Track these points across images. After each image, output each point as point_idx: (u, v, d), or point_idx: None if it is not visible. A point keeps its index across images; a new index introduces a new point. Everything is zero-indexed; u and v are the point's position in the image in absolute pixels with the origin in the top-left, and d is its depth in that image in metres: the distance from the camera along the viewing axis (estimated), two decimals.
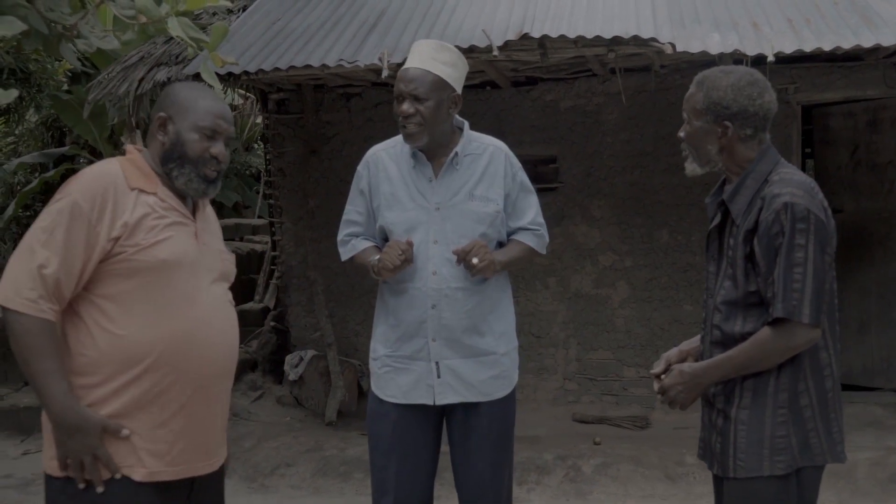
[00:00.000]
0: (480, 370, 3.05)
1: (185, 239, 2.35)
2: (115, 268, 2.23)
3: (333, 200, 7.44)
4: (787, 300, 2.37)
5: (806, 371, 2.45)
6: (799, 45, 4.93)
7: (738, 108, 2.48)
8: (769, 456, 2.44)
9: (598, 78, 6.92)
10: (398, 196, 3.03)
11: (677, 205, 6.85)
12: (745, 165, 2.53)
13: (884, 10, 5.29)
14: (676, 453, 5.73)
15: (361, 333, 7.48)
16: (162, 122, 2.38)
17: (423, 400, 3.03)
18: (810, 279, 2.37)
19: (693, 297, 6.86)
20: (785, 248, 2.38)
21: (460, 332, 3.01)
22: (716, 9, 5.56)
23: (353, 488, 5.61)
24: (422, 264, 2.97)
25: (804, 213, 2.37)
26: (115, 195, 2.24)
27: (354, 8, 6.26)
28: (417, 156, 3.03)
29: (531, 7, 5.69)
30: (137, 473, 2.25)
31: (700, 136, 2.56)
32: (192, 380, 2.30)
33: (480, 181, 3.05)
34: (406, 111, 2.93)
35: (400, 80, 2.96)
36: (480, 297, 3.03)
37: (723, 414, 2.55)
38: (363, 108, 7.40)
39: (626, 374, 7.05)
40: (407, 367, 3.03)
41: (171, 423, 2.28)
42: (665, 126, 6.89)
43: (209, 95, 2.46)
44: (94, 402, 2.23)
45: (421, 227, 3.00)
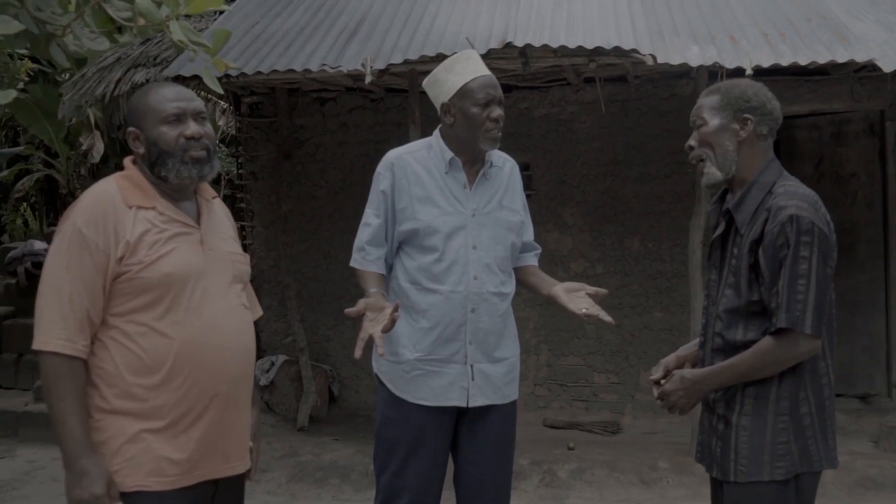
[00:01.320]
0: (503, 373, 3.12)
1: (189, 249, 2.34)
2: (123, 287, 2.25)
3: (306, 205, 7.44)
4: (791, 311, 2.42)
5: (806, 380, 2.51)
6: (776, 60, 5.05)
7: (758, 102, 2.55)
8: (770, 461, 2.50)
9: (572, 87, 7.01)
10: (435, 200, 3.04)
11: (648, 213, 6.95)
12: (753, 172, 2.58)
13: (855, 26, 5.44)
14: (649, 458, 5.81)
15: (332, 338, 7.48)
16: (135, 137, 2.38)
17: (457, 402, 3.05)
18: (813, 291, 2.43)
19: (663, 305, 6.98)
20: (790, 260, 2.43)
21: (493, 335, 3.07)
22: (693, 22, 5.67)
23: (329, 494, 5.59)
24: (463, 269, 3.00)
25: (809, 225, 2.42)
26: (115, 215, 2.25)
27: (334, 13, 6.26)
28: (454, 163, 3.06)
29: (512, 16, 5.75)
30: (159, 483, 2.25)
31: (718, 133, 2.58)
32: (208, 387, 2.30)
33: (506, 192, 3.14)
34: (501, 116, 3.00)
35: (486, 86, 2.98)
36: (508, 301, 3.11)
37: (723, 420, 2.59)
38: (337, 112, 7.40)
39: (597, 380, 7.13)
40: (440, 369, 3.03)
41: (190, 430, 2.28)
42: (637, 136, 7.01)
43: (159, 88, 2.44)
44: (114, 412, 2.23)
45: (460, 231, 3.04)
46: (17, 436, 6.70)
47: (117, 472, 2.21)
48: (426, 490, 3.07)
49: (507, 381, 3.14)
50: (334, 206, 7.41)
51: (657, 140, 6.96)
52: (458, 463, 3.17)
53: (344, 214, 7.39)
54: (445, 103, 3.05)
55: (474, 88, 2.98)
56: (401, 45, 5.54)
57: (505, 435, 3.16)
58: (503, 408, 3.13)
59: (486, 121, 2.97)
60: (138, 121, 2.38)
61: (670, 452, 5.90)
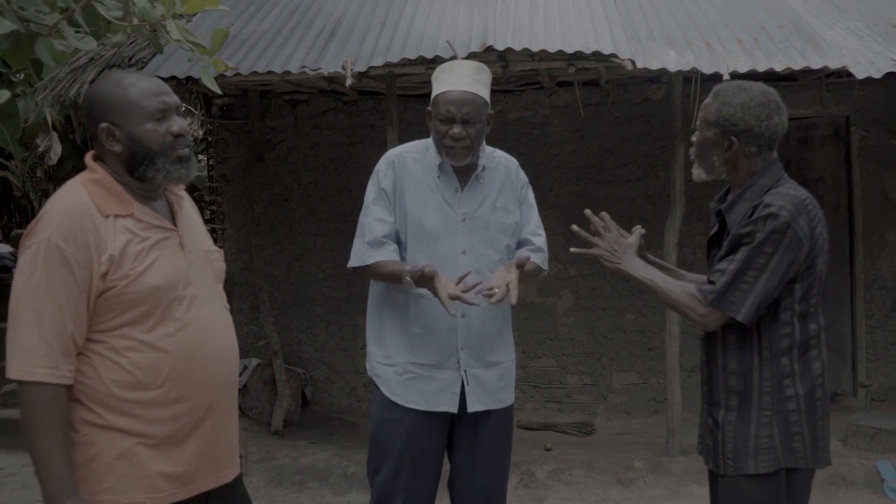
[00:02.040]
0: (497, 378, 3.11)
1: (171, 255, 2.22)
2: (109, 303, 2.11)
3: (279, 207, 7.40)
4: (727, 296, 2.51)
5: (794, 377, 2.56)
6: (752, 65, 5.14)
7: (744, 126, 2.57)
8: (754, 455, 2.55)
9: (546, 90, 7.07)
10: (425, 202, 3.03)
11: (621, 216, 6.89)
12: (748, 178, 2.63)
13: (826, 33, 5.57)
14: (625, 458, 5.87)
15: (305, 341, 7.44)
16: (108, 132, 2.18)
17: (447, 408, 3.04)
18: (761, 286, 2.48)
19: (635, 307, 7.05)
20: (750, 249, 2.49)
21: (486, 341, 3.06)
22: (668, 27, 5.75)
23: (308, 497, 5.57)
24: (451, 274, 2.92)
25: (784, 226, 2.47)
26: (94, 227, 2.09)
27: (309, 15, 6.24)
28: (444, 167, 3.04)
29: (490, 20, 5.78)
30: (153, 499, 2.16)
31: (708, 146, 2.67)
32: (202, 397, 2.22)
33: (500, 193, 3.10)
34: (459, 134, 2.92)
35: (449, 102, 2.92)
36: (501, 309, 3.06)
37: (711, 416, 2.68)
38: (310, 115, 7.38)
39: (570, 382, 7.19)
40: (431, 374, 3.03)
41: (185, 443, 2.20)
42: (610, 139, 7.09)
43: (136, 80, 2.24)
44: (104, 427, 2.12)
45: (448, 237, 3.02)
46: None
47: (110, 489, 2.11)
48: (419, 493, 3.08)
49: (501, 386, 3.13)
50: (307, 209, 7.38)
51: (630, 143, 7.04)
52: (454, 467, 3.18)
53: (317, 217, 7.37)
54: (428, 109, 3.07)
55: (440, 102, 2.97)
56: (380, 48, 5.54)
57: (501, 440, 3.16)
58: (499, 413, 3.12)
59: (445, 136, 2.95)
60: (114, 116, 2.18)
61: (646, 452, 5.96)
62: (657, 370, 6.94)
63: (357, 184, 7.30)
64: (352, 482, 5.70)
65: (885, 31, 5.66)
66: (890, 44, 5.43)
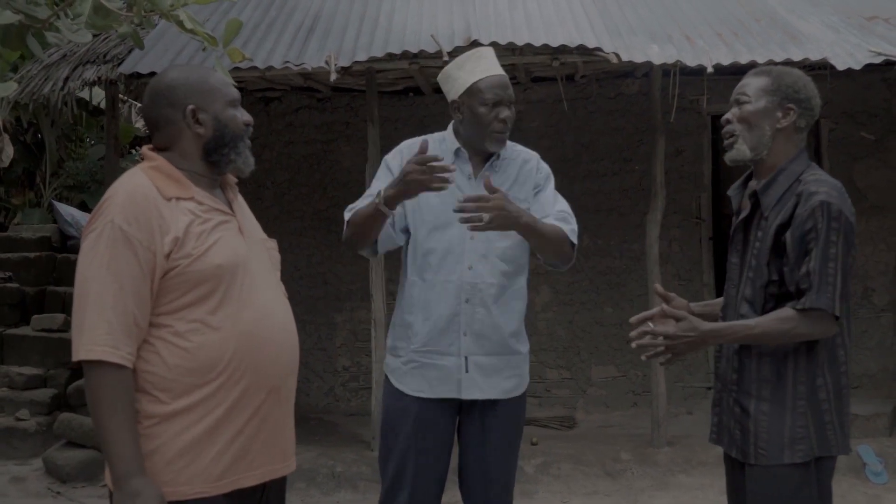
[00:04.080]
0: (504, 368, 3.07)
1: (232, 237, 2.22)
2: (172, 283, 2.11)
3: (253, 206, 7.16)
4: (823, 293, 2.47)
5: (824, 367, 2.56)
6: (734, 58, 5.21)
7: (805, 95, 2.58)
8: (789, 445, 2.55)
9: (521, 86, 7.07)
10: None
11: (597, 210, 7.07)
12: (782, 160, 2.62)
13: (802, 26, 5.66)
14: (611, 450, 5.91)
15: None
16: (194, 115, 2.22)
17: (451, 394, 3.02)
18: (840, 276, 2.49)
19: (613, 300, 7.10)
20: (822, 244, 2.49)
21: (490, 328, 3.02)
22: (647, 21, 5.79)
23: (297, 498, 5.50)
24: (457, 258, 2.95)
25: (838, 213, 2.48)
26: (157, 209, 2.12)
27: (286, 10, 6.17)
28: (460, 154, 3.04)
29: (471, 14, 5.77)
30: (216, 487, 2.15)
31: (760, 116, 2.61)
32: (263, 381, 2.20)
33: (515, 183, 3.09)
34: (510, 117, 2.97)
35: (495, 86, 2.96)
36: (510, 296, 3.05)
37: (739, 405, 2.65)
38: (283, 112, 7.30)
39: (549, 376, 7.22)
40: (435, 361, 3.02)
41: (246, 428, 2.18)
42: (585, 134, 7.12)
43: (206, 70, 2.36)
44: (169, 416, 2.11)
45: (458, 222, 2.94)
46: None
47: (171, 481, 2.10)
48: (428, 482, 3.06)
49: (507, 376, 3.08)
50: (281, 207, 7.30)
51: (605, 138, 7.08)
52: (462, 457, 3.15)
53: (292, 215, 7.29)
54: (455, 100, 3.04)
55: (483, 88, 2.96)
56: (362, 43, 5.50)
57: (507, 431, 3.12)
58: (506, 403, 3.09)
59: (493, 121, 2.95)
60: (199, 100, 2.23)
61: (631, 444, 6.00)
62: (636, 363, 6.99)
63: (332, 181, 7.26)
64: (339, 482, 5.65)
65: (859, 23, 5.77)
66: (865, 36, 5.54)
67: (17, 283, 7.77)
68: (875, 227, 7.03)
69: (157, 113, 2.26)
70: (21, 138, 10.97)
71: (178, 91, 2.24)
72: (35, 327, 7.17)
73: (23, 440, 6.36)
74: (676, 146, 6.88)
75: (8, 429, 6.40)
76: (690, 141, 6.99)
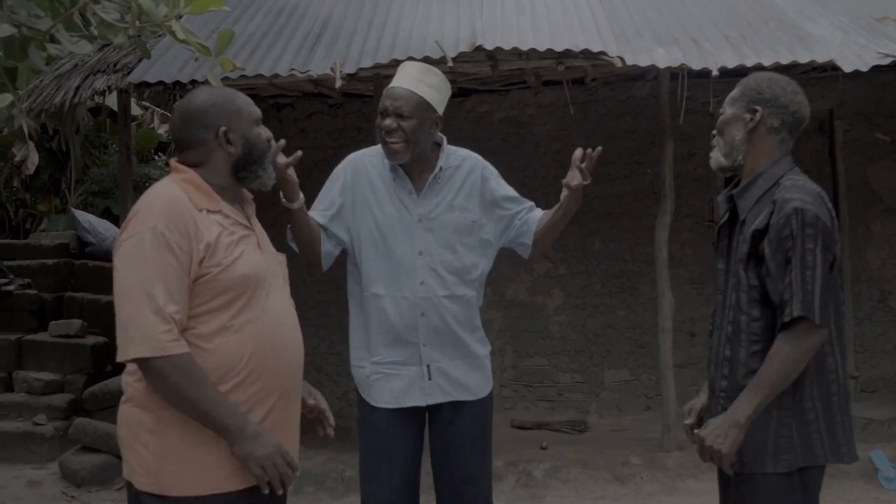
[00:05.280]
0: (468, 370, 3.14)
1: (253, 251, 2.37)
2: (202, 288, 2.24)
3: (266, 212, 7.27)
4: (805, 301, 2.45)
5: (811, 376, 2.53)
6: (741, 60, 5.17)
7: (770, 94, 2.58)
8: (773, 454, 2.53)
9: (531, 90, 7.08)
10: (382, 203, 3.07)
11: (609, 213, 7.05)
12: (763, 163, 2.62)
13: (811, 28, 5.61)
14: (620, 455, 5.88)
15: None
16: (226, 135, 2.35)
17: (416, 402, 3.09)
18: (819, 282, 2.47)
19: (626, 303, 7.08)
20: (798, 252, 2.47)
21: (448, 335, 3.09)
22: (655, 24, 5.77)
23: (305, 501, 5.54)
24: (409, 275, 3.03)
25: (813, 219, 2.46)
26: (192, 218, 2.24)
27: (295, 18, 6.21)
28: (396, 170, 3.08)
29: (478, 19, 5.78)
30: (231, 483, 2.25)
31: (730, 122, 2.64)
32: (276, 385, 2.33)
33: (459, 192, 3.13)
34: (389, 126, 2.98)
35: (386, 96, 3.02)
36: (463, 304, 3.11)
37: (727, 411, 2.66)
38: (295, 118, 7.35)
39: (562, 380, 7.20)
40: (398, 372, 3.09)
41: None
42: (596, 137, 7.09)
43: (231, 90, 2.48)
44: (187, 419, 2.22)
45: (405, 237, 3.06)
46: None
47: (188, 477, 2.21)
48: (402, 488, 3.10)
49: (472, 378, 3.15)
50: None
51: (616, 141, 7.06)
52: (434, 462, 3.21)
53: None
54: None
55: (381, 98, 3.07)
56: (368, 49, 5.53)
57: (477, 431, 3.18)
58: (472, 404, 3.16)
59: (381, 130, 3.02)
60: (228, 121, 2.36)
61: (641, 448, 5.98)
62: (648, 366, 6.96)
63: None
64: (349, 486, 5.68)
65: (868, 24, 5.71)
66: (874, 37, 5.48)
67: (35, 289, 7.87)
68: (891, 230, 6.95)
69: (188, 134, 2.37)
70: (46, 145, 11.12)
71: (210, 114, 2.36)
72: (53, 333, 7.26)
73: (40, 444, 6.45)
74: (688, 149, 6.85)
75: (26, 433, 6.49)
76: (702, 144, 6.94)
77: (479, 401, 3.17)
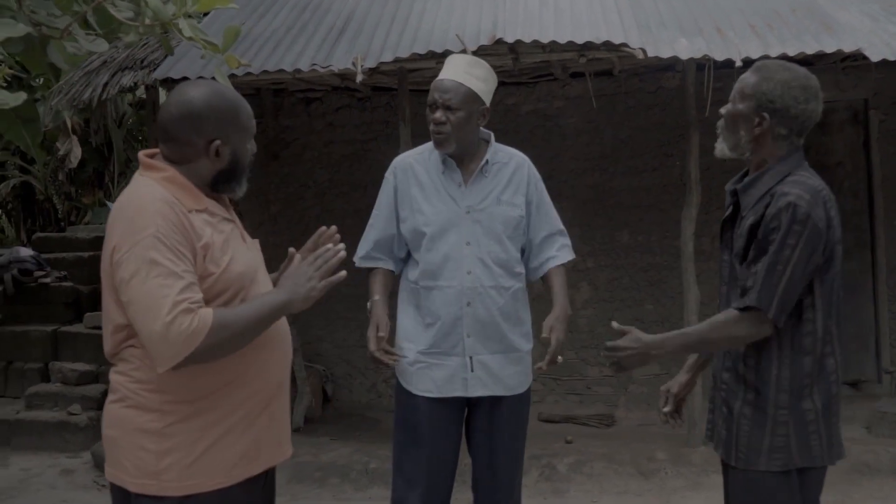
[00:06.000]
0: (507, 365, 3.18)
1: (241, 245, 2.35)
2: (206, 290, 2.18)
3: (295, 205, 7.42)
4: (763, 293, 2.43)
5: (813, 377, 2.50)
6: (765, 51, 5.09)
7: (781, 104, 2.50)
8: (768, 452, 2.51)
9: (559, 82, 7.04)
10: (430, 198, 3.17)
11: (637, 206, 6.99)
12: (769, 161, 2.57)
13: (841, 16, 5.51)
14: (646, 449, 5.85)
15: (325, 339, 7.46)
16: (217, 150, 2.26)
17: (458, 392, 3.15)
18: (786, 280, 2.43)
19: (654, 297, 7.02)
20: (776, 245, 2.43)
21: (492, 328, 3.14)
22: (680, 14, 5.71)
23: (329, 493, 5.59)
24: (456, 264, 3.11)
25: (804, 216, 2.41)
26: (187, 219, 2.18)
27: (319, 13, 6.25)
28: (448, 162, 3.18)
29: (500, 12, 5.76)
30: (232, 477, 2.26)
31: (738, 119, 2.58)
32: (274, 375, 2.34)
33: (507, 187, 3.20)
34: (439, 119, 3.09)
35: (434, 89, 3.11)
36: (510, 297, 3.17)
37: (726, 404, 2.63)
38: (323, 112, 7.39)
39: (590, 374, 7.17)
40: (441, 362, 3.15)
41: (258, 420, 2.30)
42: (624, 129, 7.05)
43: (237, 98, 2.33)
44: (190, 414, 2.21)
45: (453, 228, 3.14)
46: (9, 444, 6.63)
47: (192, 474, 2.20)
48: (440, 478, 3.19)
49: (511, 374, 3.20)
50: (322, 206, 7.39)
51: (644, 133, 7.00)
52: (473, 455, 3.27)
53: (332, 214, 7.37)
54: None
55: (430, 91, 3.17)
56: (390, 44, 5.54)
57: (512, 427, 3.23)
58: (511, 400, 3.21)
59: (430, 123, 3.14)
60: (225, 134, 2.27)
61: (667, 443, 5.93)
62: (678, 361, 6.87)
63: (372, 180, 7.26)
64: (373, 478, 5.71)
65: None
66: None
67: (71, 281, 8.03)
68: None
69: (179, 133, 2.27)
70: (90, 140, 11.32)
71: (209, 121, 2.25)
72: (88, 325, 7.41)
73: (74, 434, 6.60)
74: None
75: (61, 423, 6.64)
76: None
77: (517, 396, 3.22)
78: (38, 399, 6.94)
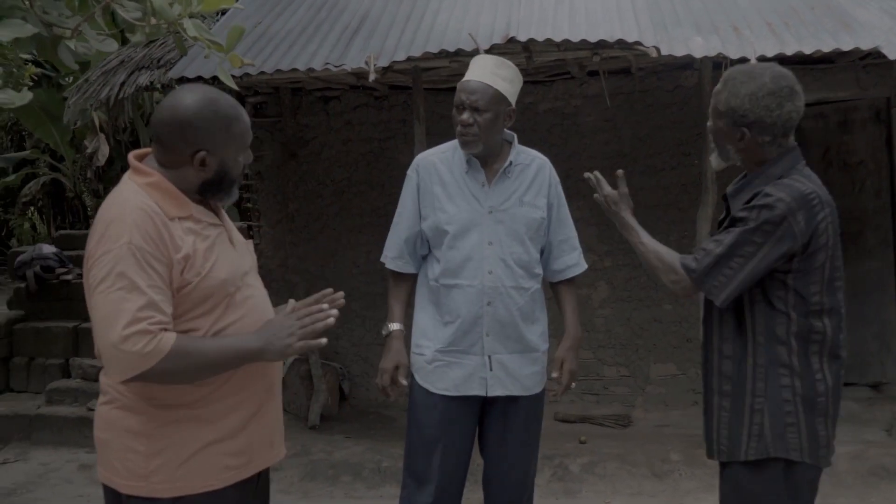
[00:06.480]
0: (525, 365, 3.21)
1: (227, 249, 2.32)
2: (184, 298, 2.18)
3: (313, 203, 7.44)
4: (709, 277, 2.49)
5: (793, 369, 2.51)
6: (780, 49, 5.04)
7: (754, 117, 2.50)
8: (747, 441, 2.53)
9: (577, 80, 7.00)
10: (453, 197, 3.19)
11: (655, 206, 6.94)
12: (760, 165, 2.58)
13: (859, 14, 5.43)
14: (661, 450, 5.81)
15: (341, 336, 7.48)
16: (202, 160, 2.23)
17: (476, 391, 3.17)
18: (745, 274, 2.44)
19: (672, 297, 6.96)
20: (739, 234, 2.44)
21: (511, 328, 3.17)
22: (696, 12, 5.66)
23: (341, 492, 5.60)
24: (478, 264, 3.13)
25: (778, 219, 2.41)
26: (167, 228, 2.15)
27: (335, 12, 6.26)
28: (472, 162, 3.19)
29: (514, 11, 5.75)
30: (222, 480, 2.26)
31: (720, 136, 2.63)
32: (265, 380, 2.35)
33: (529, 189, 3.22)
34: (466, 121, 3.09)
35: (461, 90, 3.11)
36: (529, 297, 3.19)
37: (706, 401, 2.68)
38: (341, 111, 7.41)
39: (607, 374, 7.13)
40: (460, 360, 3.17)
41: (250, 423, 2.31)
42: (643, 128, 7.00)
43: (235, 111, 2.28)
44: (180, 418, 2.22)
45: (476, 228, 3.16)
46: (29, 439, 6.72)
47: (184, 476, 2.20)
48: (452, 477, 3.21)
49: (528, 374, 3.22)
50: (341, 205, 7.42)
51: (662, 132, 6.95)
52: (485, 454, 3.30)
53: (350, 212, 7.40)
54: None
55: (456, 92, 3.17)
56: (404, 43, 5.54)
57: (528, 427, 3.27)
58: (527, 400, 3.23)
59: (457, 124, 3.14)
60: (213, 146, 2.24)
61: (682, 445, 5.88)
62: (695, 361, 6.83)
63: (389, 179, 7.33)
64: (385, 476, 5.72)
65: None
66: None
67: None
68: None
69: (168, 137, 2.25)
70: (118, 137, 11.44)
71: (196, 130, 2.22)
72: None
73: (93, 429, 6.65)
74: None
75: (80, 418, 6.72)
76: None
77: (533, 396, 3.25)
78: (59, 395, 7.03)
